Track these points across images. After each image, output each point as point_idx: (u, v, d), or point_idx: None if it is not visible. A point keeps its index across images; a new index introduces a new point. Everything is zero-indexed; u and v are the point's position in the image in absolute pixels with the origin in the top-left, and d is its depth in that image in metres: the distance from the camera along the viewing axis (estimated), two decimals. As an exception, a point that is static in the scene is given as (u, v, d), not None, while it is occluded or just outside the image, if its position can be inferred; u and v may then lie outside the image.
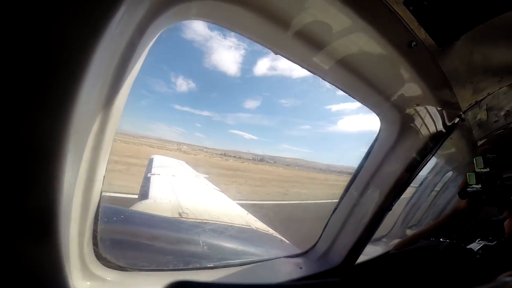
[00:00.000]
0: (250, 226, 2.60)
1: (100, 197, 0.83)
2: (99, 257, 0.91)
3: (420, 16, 0.82)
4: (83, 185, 0.74)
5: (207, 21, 0.78)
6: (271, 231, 2.64)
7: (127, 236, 1.35)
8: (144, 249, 1.33)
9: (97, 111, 0.69)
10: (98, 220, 0.85)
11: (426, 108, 1.25)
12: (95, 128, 0.69)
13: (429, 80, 1.07)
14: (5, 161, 0.52)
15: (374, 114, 1.36)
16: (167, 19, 0.67)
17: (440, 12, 0.83)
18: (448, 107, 1.28)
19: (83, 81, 0.53)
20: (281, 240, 2.48)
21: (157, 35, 0.71)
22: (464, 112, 1.36)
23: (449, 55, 0.99)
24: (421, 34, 0.87)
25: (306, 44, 0.88)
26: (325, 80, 1.05)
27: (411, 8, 0.78)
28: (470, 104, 1.34)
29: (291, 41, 0.86)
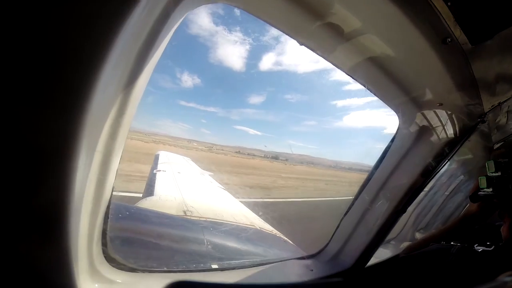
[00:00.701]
0: (254, 226, 2.57)
1: (112, 194, 0.78)
2: (108, 258, 0.87)
3: (457, 12, 0.79)
4: (94, 181, 0.69)
5: (233, 5, 0.73)
6: (275, 231, 2.61)
7: (133, 235, 1.31)
8: (152, 249, 1.29)
9: (113, 103, 0.64)
10: (108, 219, 0.81)
11: (448, 108, 1.21)
12: (109, 120, 0.65)
13: (457, 78, 1.03)
14: (15, 158, 0.48)
15: (383, 110, 1.31)
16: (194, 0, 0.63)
17: (476, 9, 0.80)
18: (471, 107, 1.23)
19: (100, 73, 0.49)
20: (285, 241, 2.45)
21: (181, 20, 0.66)
22: (486, 114, 1.31)
23: (480, 53, 0.95)
24: (456, 31, 0.83)
25: (334, 35, 0.84)
26: (347, 74, 1.01)
27: (449, 3, 0.75)
28: (493, 105, 1.29)
29: (319, 31, 0.81)
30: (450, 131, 1.34)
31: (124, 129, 0.71)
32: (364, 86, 1.12)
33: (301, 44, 0.88)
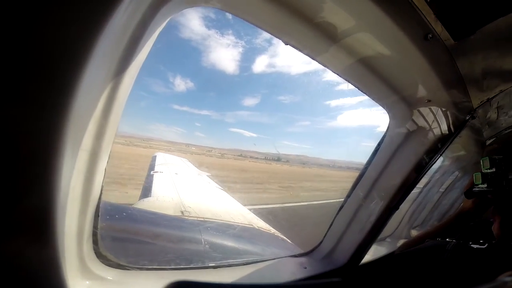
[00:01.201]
0: (252, 225, 2.57)
1: (101, 190, 0.79)
2: (99, 255, 0.87)
3: (437, 8, 0.80)
4: (82, 180, 0.70)
5: (216, 8, 0.74)
6: (273, 230, 2.61)
7: (128, 234, 1.31)
8: (146, 248, 1.29)
9: (98, 102, 0.65)
10: (98, 216, 0.82)
11: (437, 105, 1.22)
12: (95, 119, 0.66)
13: (443, 74, 1.04)
14: None
15: (376, 109, 1.33)
16: (176, 4, 0.64)
17: (457, 5, 0.80)
18: (460, 103, 1.24)
19: (83, 72, 0.49)
20: (283, 240, 2.45)
21: (165, 22, 0.67)
22: (475, 110, 1.32)
23: (464, 49, 0.96)
24: (438, 27, 0.84)
25: (319, 35, 0.85)
26: (335, 72, 1.02)
27: (428, 0, 0.76)
28: (481, 101, 1.30)
29: (303, 30, 0.82)
30: (440, 127, 1.35)
31: (111, 129, 0.72)
32: (353, 85, 1.13)
33: (286, 43, 0.89)
